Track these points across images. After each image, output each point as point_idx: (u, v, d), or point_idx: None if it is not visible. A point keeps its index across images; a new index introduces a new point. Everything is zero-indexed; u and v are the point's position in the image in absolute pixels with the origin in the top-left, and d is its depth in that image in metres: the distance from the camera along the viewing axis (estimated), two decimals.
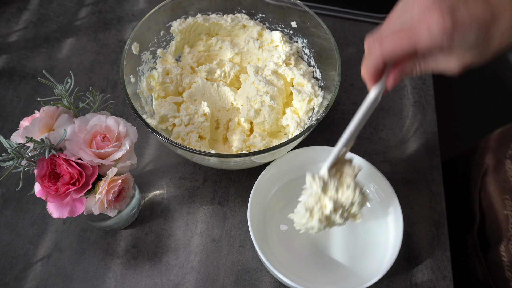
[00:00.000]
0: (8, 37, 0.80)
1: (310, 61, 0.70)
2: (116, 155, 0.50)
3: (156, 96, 0.67)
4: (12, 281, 0.58)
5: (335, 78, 0.61)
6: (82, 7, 0.85)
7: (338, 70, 0.60)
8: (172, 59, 0.70)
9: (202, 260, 0.60)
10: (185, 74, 0.69)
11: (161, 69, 0.68)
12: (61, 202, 0.49)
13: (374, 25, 0.85)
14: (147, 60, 0.68)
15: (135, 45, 0.64)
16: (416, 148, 0.71)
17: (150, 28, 0.66)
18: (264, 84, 0.65)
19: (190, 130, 0.63)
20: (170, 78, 0.68)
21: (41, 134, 0.49)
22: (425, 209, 0.66)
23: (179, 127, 0.64)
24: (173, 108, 0.66)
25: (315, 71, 0.70)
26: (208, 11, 0.72)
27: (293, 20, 0.68)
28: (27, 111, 0.72)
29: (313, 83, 0.67)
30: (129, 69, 0.63)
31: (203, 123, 0.64)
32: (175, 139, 0.63)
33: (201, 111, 0.64)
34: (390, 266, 0.54)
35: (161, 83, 0.67)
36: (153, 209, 0.64)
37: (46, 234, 0.61)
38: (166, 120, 0.64)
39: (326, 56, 0.66)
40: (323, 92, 0.66)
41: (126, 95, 0.58)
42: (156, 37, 0.68)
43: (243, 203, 0.65)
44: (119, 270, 0.59)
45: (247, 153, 0.55)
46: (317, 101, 0.66)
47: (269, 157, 0.59)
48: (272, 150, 0.55)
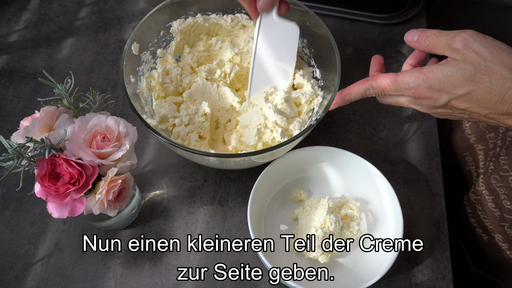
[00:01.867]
0: (8, 37, 0.80)
1: (310, 61, 0.70)
2: (116, 155, 0.50)
3: (156, 96, 0.67)
4: (12, 281, 0.58)
5: (335, 78, 0.61)
6: (82, 7, 0.85)
7: (338, 70, 0.60)
8: (172, 59, 0.70)
9: (202, 260, 0.60)
10: (185, 74, 0.69)
11: (161, 69, 0.68)
12: (61, 202, 0.49)
13: (374, 25, 0.85)
14: (147, 60, 0.67)
15: (135, 45, 0.64)
16: (416, 148, 0.71)
17: (150, 28, 0.66)
18: (273, 113, 0.63)
19: (190, 130, 0.63)
20: (170, 78, 0.68)
21: (41, 134, 0.49)
22: (425, 209, 0.66)
23: (179, 127, 0.64)
24: (173, 108, 0.66)
25: (315, 71, 0.70)
26: (208, 11, 0.72)
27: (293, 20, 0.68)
28: (27, 111, 0.72)
29: (312, 83, 0.67)
30: (129, 69, 0.63)
31: (204, 123, 0.64)
32: (175, 139, 0.63)
33: (201, 111, 0.64)
34: (390, 266, 0.54)
35: (161, 83, 0.67)
36: (153, 209, 0.64)
37: (46, 234, 0.61)
38: (166, 120, 0.64)
39: (326, 56, 0.66)
40: (323, 92, 0.66)
41: (126, 95, 0.58)
42: (156, 37, 0.68)
43: (243, 203, 0.65)
44: (119, 270, 0.59)
45: (247, 153, 0.55)
46: (317, 101, 0.66)
47: (269, 157, 0.59)
48: (272, 150, 0.55)
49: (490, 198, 0.65)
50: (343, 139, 0.72)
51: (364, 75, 0.79)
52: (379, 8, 0.84)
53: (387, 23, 0.85)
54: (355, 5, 0.85)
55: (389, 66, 0.80)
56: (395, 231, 0.58)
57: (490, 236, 0.67)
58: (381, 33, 0.84)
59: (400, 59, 0.81)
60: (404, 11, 0.85)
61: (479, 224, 0.69)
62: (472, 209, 0.69)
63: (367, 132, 0.72)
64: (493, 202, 0.65)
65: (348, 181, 0.65)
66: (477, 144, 0.71)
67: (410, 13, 0.85)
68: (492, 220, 0.66)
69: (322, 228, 0.57)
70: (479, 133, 0.71)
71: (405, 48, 0.82)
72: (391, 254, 0.55)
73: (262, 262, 0.56)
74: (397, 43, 0.83)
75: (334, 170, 0.66)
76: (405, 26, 0.85)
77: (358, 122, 0.73)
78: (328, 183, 0.66)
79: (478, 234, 0.69)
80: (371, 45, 0.82)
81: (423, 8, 0.87)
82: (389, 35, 0.84)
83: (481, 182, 0.66)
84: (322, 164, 0.65)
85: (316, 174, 0.66)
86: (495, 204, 0.65)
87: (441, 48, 0.47)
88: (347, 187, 0.65)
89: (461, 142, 0.74)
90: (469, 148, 0.72)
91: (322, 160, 0.65)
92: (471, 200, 0.69)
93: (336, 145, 0.67)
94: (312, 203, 0.61)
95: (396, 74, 0.50)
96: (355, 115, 0.74)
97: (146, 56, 0.67)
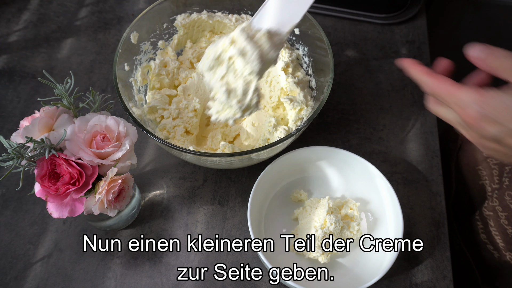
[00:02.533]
0: (8, 37, 0.80)
1: (308, 69, 0.70)
2: (116, 155, 0.50)
3: (151, 86, 0.68)
4: (12, 281, 0.58)
5: (324, 91, 0.60)
6: (82, 7, 0.85)
7: (329, 85, 0.59)
8: (172, 52, 0.71)
9: (202, 260, 0.60)
10: (182, 69, 0.70)
11: (159, 61, 0.68)
12: (61, 202, 0.49)
13: (374, 25, 0.85)
14: (146, 50, 0.68)
15: (134, 34, 0.64)
16: (416, 148, 0.71)
17: (153, 19, 0.67)
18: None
19: (177, 124, 0.64)
20: (167, 71, 0.69)
21: (41, 134, 0.49)
22: (425, 209, 0.66)
23: (166, 119, 0.64)
24: (165, 100, 0.66)
25: (311, 80, 0.69)
26: (214, 9, 0.72)
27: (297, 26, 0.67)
28: (27, 111, 0.72)
29: (306, 92, 0.67)
30: (124, 57, 0.63)
31: (192, 118, 0.64)
32: (161, 131, 0.64)
33: (191, 107, 0.64)
34: (390, 266, 0.54)
35: (157, 74, 0.68)
36: (153, 209, 0.64)
37: (46, 234, 0.61)
38: (155, 111, 0.65)
39: (321, 68, 0.65)
40: (315, 102, 0.66)
41: (115, 78, 0.59)
42: (159, 28, 0.69)
43: (243, 203, 0.65)
44: (119, 270, 0.59)
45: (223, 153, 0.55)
46: (306, 111, 0.65)
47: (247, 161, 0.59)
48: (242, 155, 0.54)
49: (503, 215, 0.63)
50: (343, 139, 0.72)
51: (364, 75, 0.79)
52: (379, 8, 0.84)
53: (387, 23, 0.85)
54: (355, 5, 0.85)
55: (389, 66, 0.80)
56: (395, 231, 0.58)
57: (501, 254, 0.65)
58: (381, 33, 0.84)
59: None
60: (404, 11, 0.85)
61: (490, 241, 0.67)
62: (483, 224, 0.68)
63: (367, 132, 0.72)
64: (506, 219, 0.63)
65: (348, 181, 0.65)
66: (490, 158, 0.68)
67: (410, 13, 0.85)
68: (504, 238, 0.64)
69: (322, 228, 0.57)
70: None
71: (405, 48, 0.82)
72: (391, 254, 0.55)
73: (262, 262, 0.56)
74: (397, 43, 0.83)
75: (334, 170, 0.66)
76: (405, 26, 0.85)
77: (358, 122, 0.73)
78: (328, 183, 0.66)
79: (489, 250, 0.68)
80: (371, 45, 0.82)
81: (423, 8, 0.87)
82: (389, 35, 0.84)
83: (495, 198, 0.64)
84: (322, 164, 0.65)
85: (316, 174, 0.66)
86: (508, 221, 0.62)
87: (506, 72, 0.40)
88: (347, 187, 0.65)
89: (474, 155, 0.71)
90: (482, 162, 0.69)
91: (322, 160, 0.65)
92: (483, 215, 0.67)
93: (336, 145, 0.67)
94: (312, 203, 0.61)
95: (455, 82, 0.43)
96: (355, 115, 0.74)
97: (146, 46, 0.68)
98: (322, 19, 0.86)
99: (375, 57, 0.81)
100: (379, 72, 0.79)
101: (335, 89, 0.77)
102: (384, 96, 0.76)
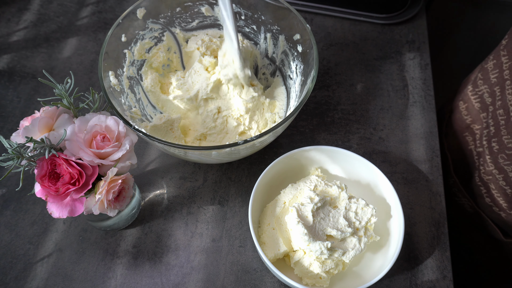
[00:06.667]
0: (8, 37, 0.80)
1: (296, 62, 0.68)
2: (116, 155, 0.50)
3: (148, 65, 0.69)
4: (12, 281, 0.58)
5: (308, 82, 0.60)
6: (82, 7, 0.85)
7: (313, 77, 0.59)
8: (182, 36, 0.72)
9: (202, 260, 0.60)
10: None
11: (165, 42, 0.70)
12: (61, 202, 0.49)
13: (374, 25, 0.85)
14: (153, 29, 0.68)
15: (141, 9, 0.64)
16: (416, 148, 0.71)
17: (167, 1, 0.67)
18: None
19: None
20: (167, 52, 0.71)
21: (41, 134, 0.49)
22: (425, 209, 0.66)
23: None
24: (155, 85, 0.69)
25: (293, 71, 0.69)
26: None
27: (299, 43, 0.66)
28: (27, 111, 0.72)
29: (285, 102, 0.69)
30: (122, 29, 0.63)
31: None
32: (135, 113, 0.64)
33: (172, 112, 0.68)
34: (390, 266, 0.54)
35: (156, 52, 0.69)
36: (153, 209, 0.64)
37: (46, 234, 0.61)
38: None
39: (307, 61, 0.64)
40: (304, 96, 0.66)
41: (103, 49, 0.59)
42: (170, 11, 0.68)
43: (243, 203, 0.65)
44: (119, 270, 0.59)
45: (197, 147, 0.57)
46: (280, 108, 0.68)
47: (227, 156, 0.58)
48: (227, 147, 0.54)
49: (500, 177, 0.67)
50: (343, 139, 0.72)
51: (364, 75, 0.79)
52: (379, 8, 0.84)
53: (387, 23, 0.85)
54: (355, 5, 0.85)
55: (389, 66, 0.80)
56: (395, 231, 0.58)
57: (507, 213, 0.70)
58: (381, 33, 0.84)
59: (400, 59, 0.81)
60: (404, 11, 0.85)
61: (495, 203, 0.71)
62: (486, 188, 0.72)
63: (367, 132, 0.72)
64: (504, 180, 0.67)
65: (349, 180, 0.65)
66: (473, 124, 0.73)
67: (410, 13, 0.85)
68: (505, 198, 0.68)
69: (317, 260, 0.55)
70: (474, 114, 0.73)
71: (405, 48, 0.82)
72: (391, 254, 0.55)
73: (263, 261, 0.56)
74: (397, 43, 0.83)
75: (335, 169, 0.66)
76: (405, 26, 0.85)
77: (358, 122, 0.73)
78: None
79: (496, 212, 0.72)
80: (371, 45, 0.82)
81: (423, 8, 0.87)
82: (389, 35, 0.84)
83: (490, 162, 0.68)
84: (323, 163, 0.65)
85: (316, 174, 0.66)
86: (506, 182, 0.67)
87: None
88: (348, 187, 0.65)
89: (459, 123, 0.76)
90: (467, 128, 0.75)
91: (323, 160, 0.65)
92: (484, 181, 0.71)
93: (336, 145, 0.67)
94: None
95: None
96: (355, 115, 0.74)
97: (152, 25, 0.68)
98: (322, 19, 0.86)
99: (375, 57, 0.81)
100: (379, 72, 0.79)
101: (335, 89, 0.77)
102: (384, 96, 0.76)
